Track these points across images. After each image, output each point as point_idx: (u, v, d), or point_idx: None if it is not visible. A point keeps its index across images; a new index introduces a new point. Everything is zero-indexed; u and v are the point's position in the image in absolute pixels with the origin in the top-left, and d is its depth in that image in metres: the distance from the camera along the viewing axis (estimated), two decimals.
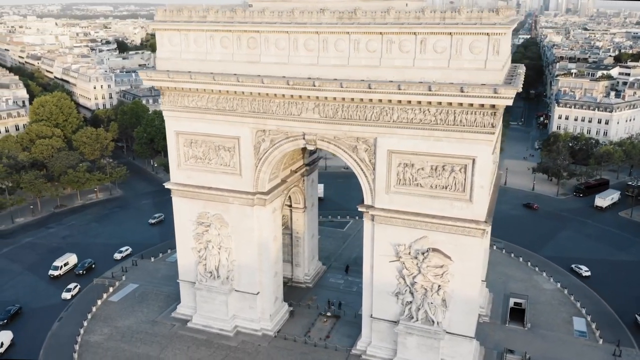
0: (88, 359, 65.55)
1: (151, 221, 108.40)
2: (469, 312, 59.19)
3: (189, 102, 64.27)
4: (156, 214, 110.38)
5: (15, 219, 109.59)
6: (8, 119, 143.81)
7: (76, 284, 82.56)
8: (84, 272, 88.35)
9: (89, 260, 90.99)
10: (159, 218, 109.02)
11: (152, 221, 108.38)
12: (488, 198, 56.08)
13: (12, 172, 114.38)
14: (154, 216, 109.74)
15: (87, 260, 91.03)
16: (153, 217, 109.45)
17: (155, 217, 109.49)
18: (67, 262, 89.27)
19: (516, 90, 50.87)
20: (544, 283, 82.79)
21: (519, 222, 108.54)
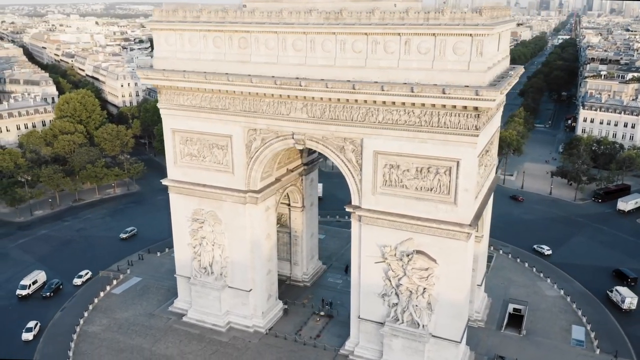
0: (84, 348, 67.57)
1: (122, 236, 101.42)
2: (455, 316, 58.48)
3: (184, 100, 65.52)
4: (128, 228, 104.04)
5: (34, 212, 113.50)
6: (35, 114, 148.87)
7: (36, 322, 72.26)
8: (51, 294, 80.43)
9: (55, 281, 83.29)
10: (131, 232, 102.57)
11: (124, 236, 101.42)
12: (473, 201, 55.25)
13: (34, 166, 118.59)
14: (125, 230, 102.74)
15: (54, 281, 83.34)
16: (124, 232, 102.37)
17: (127, 231, 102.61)
18: (36, 281, 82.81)
19: (499, 93, 50.01)
20: (547, 289, 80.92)
21: (529, 226, 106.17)
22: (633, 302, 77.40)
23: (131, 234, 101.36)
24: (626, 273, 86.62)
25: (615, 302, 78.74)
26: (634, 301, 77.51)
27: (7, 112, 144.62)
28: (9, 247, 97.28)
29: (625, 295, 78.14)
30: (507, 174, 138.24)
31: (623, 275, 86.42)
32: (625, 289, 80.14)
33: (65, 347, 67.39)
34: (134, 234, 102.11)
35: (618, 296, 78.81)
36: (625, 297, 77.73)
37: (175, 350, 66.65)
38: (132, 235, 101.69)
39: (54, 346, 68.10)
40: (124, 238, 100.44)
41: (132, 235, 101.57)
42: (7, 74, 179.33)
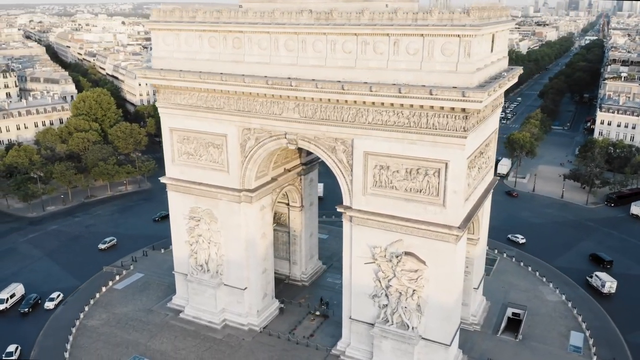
0: (82, 342, 68.93)
1: (103, 246, 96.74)
2: (445, 318, 58.05)
3: (180, 99, 66.34)
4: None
5: (47, 207, 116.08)
6: (52, 112, 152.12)
7: (17, 346, 67.61)
8: (30, 310, 76.38)
9: (34, 295, 79.09)
10: (111, 242, 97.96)
11: (103, 247, 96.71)
12: (463, 203, 54.72)
13: (47, 163, 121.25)
14: (104, 240, 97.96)
15: (32, 295, 79.06)
16: (103, 242, 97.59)
17: (105, 241, 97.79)
18: (14, 294, 79.07)
19: (486, 94, 49.45)
20: (548, 294, 79.67)
21: (536, 230, 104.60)
22: (612, 286, 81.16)
23: (110, 244, 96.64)
24: (602, 257, 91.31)
25: (596, 287, 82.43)
26: (613, 285, 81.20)
27: (25, 110, 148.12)
28: (19, 242, 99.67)
29: (605, 280, 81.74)
30: (520, 177, 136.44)
31: (599, 259, 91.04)
32: (604, 274, 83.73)
33: (64, 340, 68.78)
34: (113, 244, 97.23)
35: (598, 281, 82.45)
36: (605, 281, 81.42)
37: (170, 346, 67.54)
38: (111, 245, 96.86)
39: (54, 339, 69.57)
40: (103, 249, 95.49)
41: (111, 246, 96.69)
42: (28, 72, 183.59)
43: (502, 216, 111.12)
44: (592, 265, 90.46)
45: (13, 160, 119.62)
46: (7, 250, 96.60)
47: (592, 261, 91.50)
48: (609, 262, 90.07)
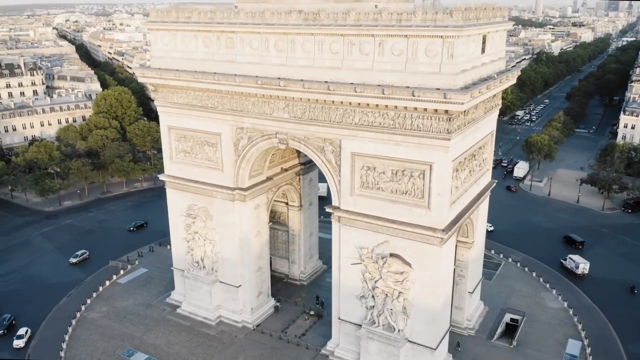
0: (80, 333, 70.79)
1: (74, 260, 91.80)
2: (431, 322, 57.53)
3: (177, 98, 67.47)
4: None
5: (63, 202, 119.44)
6: (76, 110, 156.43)
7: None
8: (5, 332, 72.48)
9: (8, 316, 75.20)
10: (82, 256, 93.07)
11: (74, 261, 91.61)
12: (448, 206, 54.10)
13: (66, 159, 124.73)
14: (75, 254, 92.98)
15: (7, 316, 75.19)
16: (74, 256, 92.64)
17: (77, 255, 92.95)
18: None
19: (469, 96, 48.79)
20: (550, 301, 77.97)
21: (546, 235, 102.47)
22: (586, 267, 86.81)
23: (82, 257, 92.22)
24: (574, 238, 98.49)
25: (570, 269, 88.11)
26: (586, 266, 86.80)
27: (49, 107, 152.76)
28: (33, 235, 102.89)
29: (579, 261, 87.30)
30: (536, 180, 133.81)
31: (572, 241, 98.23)
32: (578, 257, 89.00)
33: (64, 331, 70.71)
34: (85, 257, 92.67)
35: (572, 263, 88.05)
36: (579, 263, 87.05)
37: (163, 340, 68.77)
38: (83, 259, 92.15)
39: (54, 330, 71.64)
40: (74, 263, 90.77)
41: (83, 260, 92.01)
42: (55, 70, 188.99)
43: (514, 220, 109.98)
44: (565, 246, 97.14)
45: (33, 155, 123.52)
46: (21, 242, 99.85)
47: (566, 243, 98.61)
48: (580, 242, 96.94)
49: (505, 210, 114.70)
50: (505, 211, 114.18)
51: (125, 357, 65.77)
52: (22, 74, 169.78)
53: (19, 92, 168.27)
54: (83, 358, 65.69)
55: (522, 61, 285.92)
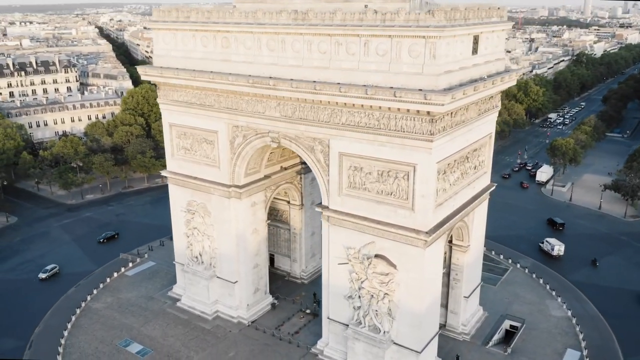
0: (83, 322, 73.22)
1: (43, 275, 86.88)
2: (415, 324, 57.02)
3: (177, 96, 68.93)
4: None
5: (86, 196, 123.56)
6: (105, 106, 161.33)
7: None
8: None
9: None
10: (52, 270, 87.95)
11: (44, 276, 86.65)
12: (433, 208, 53.50)
13: (91, 154, 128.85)
14: (45, 269, 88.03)
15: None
16: (44, 271, 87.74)
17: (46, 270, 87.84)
18: None
19: (450, 98, 48.05)
20: (554, 309, 75.89)
21: (563, 241, 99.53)
22: (561, 249, 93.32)
23: (52, 272, 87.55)
24: (556, 221, 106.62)
25: (547, 251, 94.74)
26: (561, 248, 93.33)
27: (79, 103, 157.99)
28: (53, 226, 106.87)
29: (554, 244, 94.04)
30: (559, 185, 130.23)
31: (554, 223, 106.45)
32: (554, 240, 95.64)
33: (67, 319, 73.27)
34: (55, 272, 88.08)
35: (548, 246, 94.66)
36: (554, 245, 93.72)
37: (159, 332, 70.41)
38: (53, 274, 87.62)
39: (59, 318, 74.26)
40: (43, 279, 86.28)
41: (53, 275, 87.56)
42: (90, 68, 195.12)
43: (527, 225, 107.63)
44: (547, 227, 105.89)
45: (60, 150, 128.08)
46: (41, 233, 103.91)
47: (548, 224, 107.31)
48: (560, 224, 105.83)
49: (521, 214, 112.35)
50: (520, 215, 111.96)
51: (121, 347, 67.70)
52: (56, 71, 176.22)
53: (54, 89, 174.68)
54: (82, 346, 67.93)
55: (559, 62, 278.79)
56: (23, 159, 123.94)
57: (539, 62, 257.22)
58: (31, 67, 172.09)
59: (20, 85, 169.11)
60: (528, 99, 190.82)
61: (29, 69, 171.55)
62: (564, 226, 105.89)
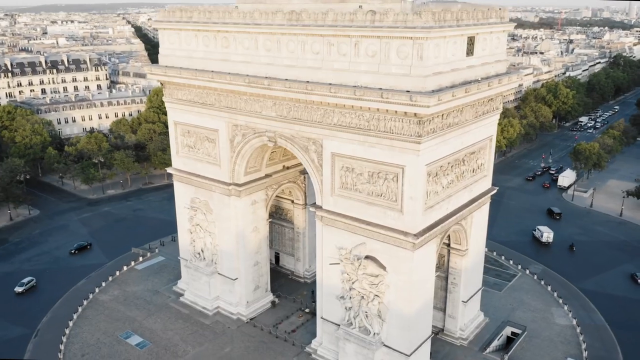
0: (88, 313, 75.33)
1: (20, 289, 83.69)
2: (404, 327, 56.64)
3: (181, 95, 70.25)
4: None
5: (107, 191, 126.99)
6: (132, 104, 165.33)
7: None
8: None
9: None
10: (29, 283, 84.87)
11: (20, 290, 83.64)
12: (422, 211, 53.04)
13: (113, 150, 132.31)
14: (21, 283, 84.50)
15: None
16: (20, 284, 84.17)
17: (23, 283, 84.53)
18: None
19: (435, 99, 47.55)
20: (558, 317, 74.11)
21: (579, 248, 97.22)
22: (549, 236, 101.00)
23: (29, 286, 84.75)
24: (554, 210, 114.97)
25: (538, 238, 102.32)
26: (550, 235, 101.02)
27: (107, 101, 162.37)
28: (72, 220, 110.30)
29: (544, 231, 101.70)
30: (581, 190, 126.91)
31: (552, 212, 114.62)
32: (545, 227, 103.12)
33: (74, 310, 75.56)
34: (32, 285, 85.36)
35: (539, 233, 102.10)
36: (543, 232, 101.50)
37: (160, 326, 71.86)
38: (30, 287, 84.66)
39: (66, 309, 76.57)
40: (20, 292, 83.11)
41: (30, 288, 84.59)
42: (120, 66, 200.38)
43: None
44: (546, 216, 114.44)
45: (84, 146, 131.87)
46: (60, 226, 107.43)
47: (547, 214, 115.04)
48: (558, 214, 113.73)
49: (537, 219, 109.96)
50: (536, 221, 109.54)
51: (121, 339, 69.38)
52: (87, 69, 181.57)
53: (84, 86, 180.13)
54: (84, 336, 69.94)
55: (595, 65, 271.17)
56: (48, 154, 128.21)
57: (573, 63, 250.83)
58: (63, 65, 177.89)
59: (52, 83, 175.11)
60: (557, 101, 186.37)
61: (61, 66, 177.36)
62: (560, 215, 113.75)
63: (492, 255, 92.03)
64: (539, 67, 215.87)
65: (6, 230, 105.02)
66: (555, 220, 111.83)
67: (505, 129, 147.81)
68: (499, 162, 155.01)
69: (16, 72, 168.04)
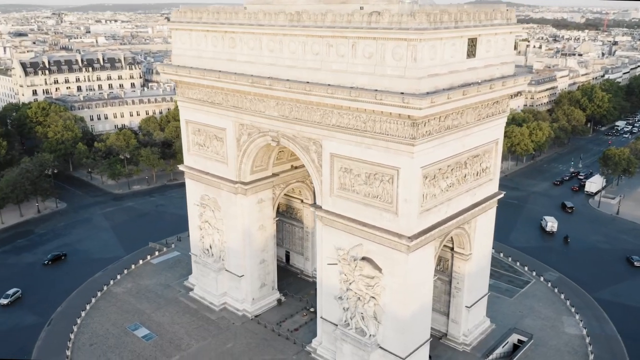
0: (101, 304, 77.74)
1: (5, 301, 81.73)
2: (400, 330, 56.40)
3: (192, 94, 71.73)
4: None
5: (133, 186, 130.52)
6: (162, 102, 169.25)
7: None
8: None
9: None
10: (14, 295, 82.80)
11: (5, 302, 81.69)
12: (417, 213, 52.69)
13: (140, 147, 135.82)
14: (6, 294, 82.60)
15: None
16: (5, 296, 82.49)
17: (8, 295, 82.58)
18: None
19: (427, 102, 47.22)
20: (568, 326, 72.17)
21: (597, 255, 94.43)
22: (554, 226, 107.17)
23: (14, 297, 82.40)
24: (566, 204, 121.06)
25: (543, 227, 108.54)
26: (554, 225, 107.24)
27: (138, 99, 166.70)
28: (96, 214, 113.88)
29: (548, 220, 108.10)
30: (609, 197, 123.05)
31: (565, 206, 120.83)
32: (551, 217, 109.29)
33: (88, 301, 78.08)
34: (18, 297, 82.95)
35: (545, 222, 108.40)
36: (548, 222, 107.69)
37: (167, 319, 73.52)
38: (15, 299, 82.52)
39: (80, 299, 79.16)
40: (5, 304, 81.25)
41: (16, 299, 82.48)
42: (155, 65, 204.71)
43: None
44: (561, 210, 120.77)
45: (113, 142, 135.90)
46: (84, 219, 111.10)
47: (561, 208, 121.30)
48: (570, 207, 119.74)
49: (560, 225, 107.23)
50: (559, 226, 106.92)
51: (129, 330, 71.37)
52: (122, 67, 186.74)
53: (118, 84, 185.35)
54: (94, 327, 72.23)
55: (637, 67, 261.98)
56: (78, 149, 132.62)
57: (613, 66, 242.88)
58: (98, 63, 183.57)
59: (87, 80, 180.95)
60: (592, 105, 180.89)
61: (97, 65, 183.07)
62: (572, 209, 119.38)
63: (507, 261, 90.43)
64: (576, 69, 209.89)
65: (33, 222, 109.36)
66: (567, 214, 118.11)
67: (533, 132, 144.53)
68: (526, 166, 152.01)
69: (53, 69, 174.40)
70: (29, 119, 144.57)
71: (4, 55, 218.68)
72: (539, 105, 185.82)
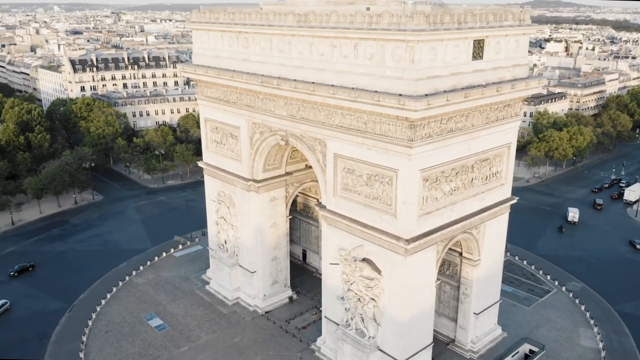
0: (121, 294, 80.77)
1: None
2: (398, 333, 56.10)
3: (210, 92, 73.50)
4: None
5: (167, 181, 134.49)
6: None
7: None
8: None
9: None
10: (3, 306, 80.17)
11: None
12: (416, 216, 52.25)
13: (177, 143, 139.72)
14: None
15: None
16: None
17: None
18: None
19: (423, 104, 46.79)
20: (585, 339, 69.66)
21: (626, 267, 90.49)
22: (575, 216, 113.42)
23: (2, 309, 79.72)
24: (597, 202, 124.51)
25: (565, 217, 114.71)
26: (576, 215, 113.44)
27: (179, 97, 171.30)
28: (129, 206, 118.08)
29: (570, 211, 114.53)
30: (632, 202, 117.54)
31: (595, 203, 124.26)
32: (575, 209, 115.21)
33: (109, 290, 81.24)
34: (6, 308, 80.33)
35: (569, 213, 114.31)
36: (569, 212, 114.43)
37: (182, 311, 75.62)
38: (5, 310, 79.90)
39: (103, 287, 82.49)
40: None
41: (5, 311, 79.88)
42: None
43: (593, 247, 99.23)
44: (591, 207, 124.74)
45: (151, 138, 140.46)
46: (117, 212, 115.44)
47: (591, 206, 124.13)
48: (599, 204, 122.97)
49: (590, 234, 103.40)
50: (589, 235, 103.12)
51: (144, 320, 73.88)
52: (166, 66, 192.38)
53: (162, 82, 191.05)
54: (112, 315, 75.16)
55: None
56: (117, 144, 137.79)
57: None
58: (144, 61, 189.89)
59: (132, 78, 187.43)
60: None
61: (142, 63, 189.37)
62: (601, 206, 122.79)
63: (529, 268, 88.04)
64: (627, 73, 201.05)
65: (69, 213, 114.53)
66: (597, 211, 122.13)
67: (574, 137, 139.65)
68: (565, 172, 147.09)
69: (101, 67, 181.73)
70: (73, 114, 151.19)
71: (57, 52, 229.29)
72: (585, 109, 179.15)
